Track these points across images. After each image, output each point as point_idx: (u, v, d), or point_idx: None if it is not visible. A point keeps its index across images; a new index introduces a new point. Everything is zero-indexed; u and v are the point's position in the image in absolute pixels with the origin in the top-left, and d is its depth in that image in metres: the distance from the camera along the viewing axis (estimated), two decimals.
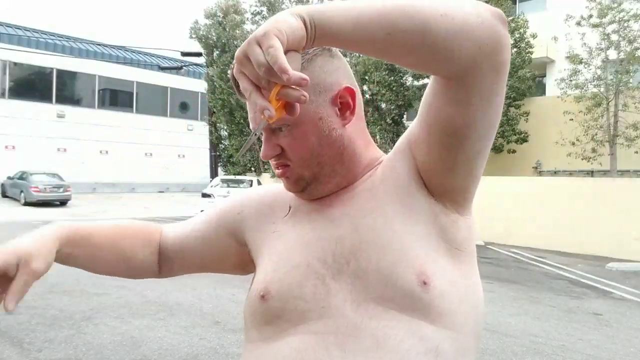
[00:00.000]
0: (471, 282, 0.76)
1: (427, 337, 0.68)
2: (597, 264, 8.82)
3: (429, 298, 0.69)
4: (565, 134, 12.17)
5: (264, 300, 0.76)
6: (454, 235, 0.76)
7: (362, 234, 0.75)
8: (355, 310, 0.70)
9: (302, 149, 0.78)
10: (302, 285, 0.74)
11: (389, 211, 0.76)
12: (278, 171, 0.82)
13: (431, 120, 0.73)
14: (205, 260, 0.94)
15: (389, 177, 0.79)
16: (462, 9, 0.61)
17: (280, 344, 0.73)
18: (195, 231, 0.94)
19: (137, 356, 3.87)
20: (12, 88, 22.49)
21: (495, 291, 6.43)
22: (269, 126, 0.77)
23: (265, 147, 0.79)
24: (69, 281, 6.28)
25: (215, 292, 5.87)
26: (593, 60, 11.84)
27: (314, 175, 0.80)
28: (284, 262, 0.78)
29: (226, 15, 21.40)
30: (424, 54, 0.62)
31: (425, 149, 0.75)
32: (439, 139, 0.72)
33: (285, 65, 0.53)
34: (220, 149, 24.34)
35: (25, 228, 7.70)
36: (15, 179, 18.56)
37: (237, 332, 4.40)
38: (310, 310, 0.72)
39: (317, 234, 0.79)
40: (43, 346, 3.98)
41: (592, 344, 4.40)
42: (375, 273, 0.71)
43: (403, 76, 15.96)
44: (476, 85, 0.66)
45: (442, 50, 0.61)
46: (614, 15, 11.41)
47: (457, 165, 0.74)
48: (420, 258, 0.72)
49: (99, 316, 4.79)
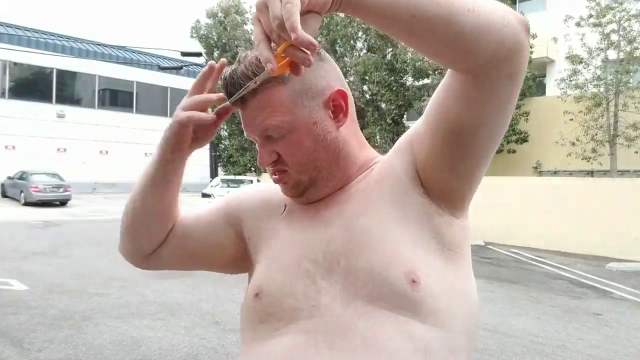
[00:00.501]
0: (463, 282, 0.76)
1: (416, 335, 0.68)
2: (597, 264, 8.81)
3: (419, 296, 0.70)
4: (565, 134, 12.18)
5: (258, 299, 0.78)
6: (447, 236, 0.76)
7: (354, 233, 0.75)
8: (344, 309, 0.71)
9: (299, 154, 0.78)
10: (293, 285, 0.75)
11: (381, 211, 0.76)
12: (275, 177, 0.82)
13: (440, 117, 0.73)
14: (201, 247, 0.92)
15: (385, 176, 0.80)
16: (489, 8, 0.62)
17: (272, 342, 0.74)
18: (201, 216, 0.94)
19: (137, 356, 3.87)
20: (12, 88, 22.49)
21: (495, 291, 6.42)
22: (263, 136, 0.78)
23: (261, 153, 0.80)
24: (69, 281, 6.28)
25: (215, 292, 5.87)
26: (593, 60, 11.85)
27: (312, 180, 0.81)
28: (277, 261, 0.80)
29: (227, 15, 21.41)
30: (446, 44, 0.63)
31: (428, 147, 0.75)
32: (444, 136, 0.72)
33: (296, 24, 0.52)
34: (220, 149, 24.35)
35: (25, 228, 7.73)
36: (15, 179, 18.56)
37: (237, 332, 4.39)
38: (301, 309, 0.73)
39: (310, 234, 0.80)
40: (43, 346, 3.98)
41: (592, 344, 4.40)
42: (365, 272, 0.72)
43: (403, 76, 15.97)
44: (490, 87, 0.67)
45: (463, 43, 0.62)
46: (613, 15, 11.41)
47: (459, 165, 0.74)
48: (410, 257, 0.72)
49: (99, 316, 4.79)
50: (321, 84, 0.79)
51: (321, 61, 0.80)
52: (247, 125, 0.80)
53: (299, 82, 0.76)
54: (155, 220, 0.88)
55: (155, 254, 0.92)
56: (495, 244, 10.85)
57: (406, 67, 15.44)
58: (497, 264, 8.60)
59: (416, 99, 15.98)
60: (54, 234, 10.78)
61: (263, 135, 0.79)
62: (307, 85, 0.77)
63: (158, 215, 0.88)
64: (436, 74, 14.60)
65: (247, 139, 6.40)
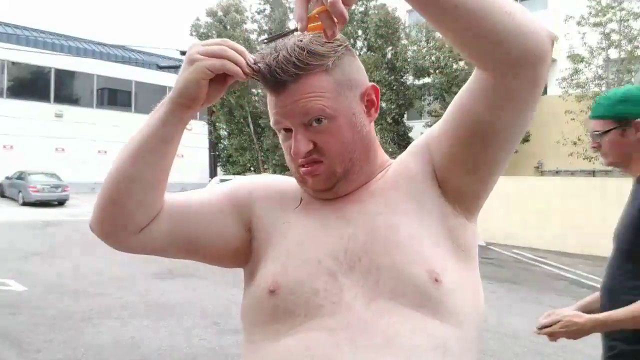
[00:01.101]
0: (474, 283, 0.79)
1: (435, 333, 0.70)
2: (599, 265, 8.80)
3: (440, 295, 0.71)
4: (567, 133, 12.16)
5: (274, 295, 0.75)
6: (461, 237, 0.78)
7: (375, 231, 0.76)
8: (366, 307, 0.71)
9: (338, 143, 0.78)
10: (313, 281, 0.74)
11: (401, 209, 0.77)
12: (306, 169, 0.79)
13: (460, 119, 0.74)
14: (204, 234, 0.83)
15: (402, 177, 0.81)
16: (525, 18, 0.67)
17: (288, 340, 0.72)
18: (206, 201, 0.86)
19: (136, 356, 3.85)
20: (10, 87, 22.44)
21: (497, 292, 6.41)
22: (299, 120, 0.76)
23: (298, 143, 0.76)
24: (69, 281, 6.26)
25: (215, 293, 5.85)
26: (594, 59, 11.85)
27: (345, 172, 0.80)
28: (294, 256, 0.77)
29: (227, 14, 21.42)
30: (477, 36, 0.66)
31: (447, 148, 0.77)
32: (465, 138, 0.74)
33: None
34: (219, 148, 24.33)
35: (23, 228, 7.71)
36: (13, 179, 18.52)
37: (237, 333, 4.37)
38: (321, 306, 0.72)
39: (329, 230, 0.79)
40: (43, 346, 3.96)
41: (592, 344, 4.37)
42: (388, 270, 0.72)
43: (403, 75, 15.96)
44: (513, 91, 0.69)
45: (494, 38, 0.65)
46: (614, 14, 11.41)
47: (478, 168, 0.76)
48: (431, 255, 0.73)
49: (98, 316, 4.77)
50: (358, 78, 0.81)
51: (354, 57, 0.82)
52: (284, 112, 0.77)
53: (341, 73, 0.77)
54: (150, 188, 0.78)
55: (147, 230, 0.80)
56: (496, 244, 10.84)
57: (407, 66, 15.45)
58: (499, 265, 8.59)
59: (417, 98, 15.98)
60: (53, 234, 10.76)
61: (302, 122, 0.76)
62: (347, 76, 0.78)
63: (155, 182, 0.78)
64: (437, 73, 14.59)
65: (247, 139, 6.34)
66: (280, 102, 0.76)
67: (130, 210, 0.77)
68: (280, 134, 0.81)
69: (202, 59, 0.71)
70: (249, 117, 21.30)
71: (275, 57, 0.74)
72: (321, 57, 0.76)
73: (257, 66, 0.75)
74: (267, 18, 21.15)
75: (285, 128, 0.79)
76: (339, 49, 0.78)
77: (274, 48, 0.76)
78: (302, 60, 0.74)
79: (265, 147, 20.78)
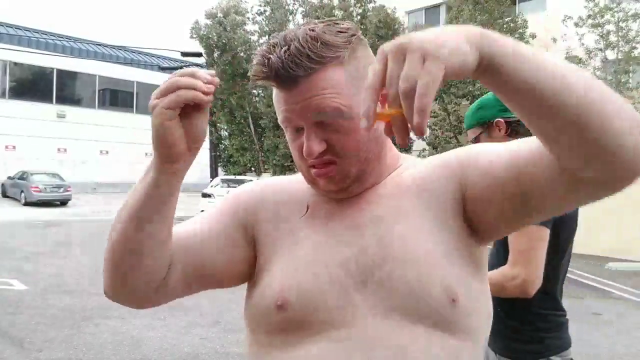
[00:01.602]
0: (487, 298, 0.77)
1: (449, 350, 0.69)
2: (597, 264, 8.81)
3: (456, 315, 0.69)
4: None
5: (283, 310, 0.71)
6: (477, 256, 0.76)
7: (389, 243, 0.71)
8: (379, 322, 0.68)
9: (354, 142, 0.72)
10: (324, 294, 0.71)
11: (417, 221, 0.73)
12: (318, 170, 0.74)
13: (513, 172, 0.68)
14: (217, 265, 0.79)
15: (424, 187, 0.76)
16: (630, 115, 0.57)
17: (299, 351, 0.70)
18: (213, 229, 0.80)
19: (137, 356, 3.87)
20: (12, 88, 22.49)
21: None
22: (312, 119, 0.71)
23: (311, 143, 0.71)
24: (69, 281, 6.28)
25: (215, 292, 5.84)
26: (592, 60, 11.85)
27: (359, 172, 0.75)
28: (302, 268, 0.73)
29: (227, 15, 21.44)
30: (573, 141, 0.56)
31: (488, 189, 0.71)
32: (511, 195, 0.69)
33: (427, 107, 0.47)
34: (220, 149, 24.37)
35: (25, 228, 7.74)
36: (15, 179, 18.57)
37: (237, 332, 4.39)
38: (333, 320, 0.70)
39: (340, 239, 0.74)
40: (43, 346, 3.98)
41: (592, 344, 4.40)
42: (403, 285, 0.69)
43: None
44: (580, 189, 0.62)
45: (597, 149, 0.56)
46: (612, 15, 11.42)
47: (512, 219, 0.73)
48: (447, 273, 0.70)
49: (99, 316, 4.79)
50: None
51: (366, 47, 0.75)
52: (295, 109, 0.71)
53: (355, 65, 0.69)
54: (158, 246, 0.73)
55: (162, 284, 0.75)
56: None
57: None
58: None
59: None
60: (54, 234, 10.78)
61: (315, 121, 0.71)
62: (361, 72, 0.69)
63: (162, 240, 0.73)
64: None
65: (248, 139, 6.29)
66: (291, 98, 0.71)
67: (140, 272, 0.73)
68: (288, 131, 0.76)
69: (157, 102, 0.66)
70: (249, 117, 21.33)
71: (286, 50, 0.68)
72: (336, 49, 0.70)
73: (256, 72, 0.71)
74: (268, 19, 21.18)
75: (295, 126, 0.74)
76: (352, 39, 0.71)
77: (284, 38, 0.70)
78: (316, 52, 0.68)
79: (265, 148, 20.81)
